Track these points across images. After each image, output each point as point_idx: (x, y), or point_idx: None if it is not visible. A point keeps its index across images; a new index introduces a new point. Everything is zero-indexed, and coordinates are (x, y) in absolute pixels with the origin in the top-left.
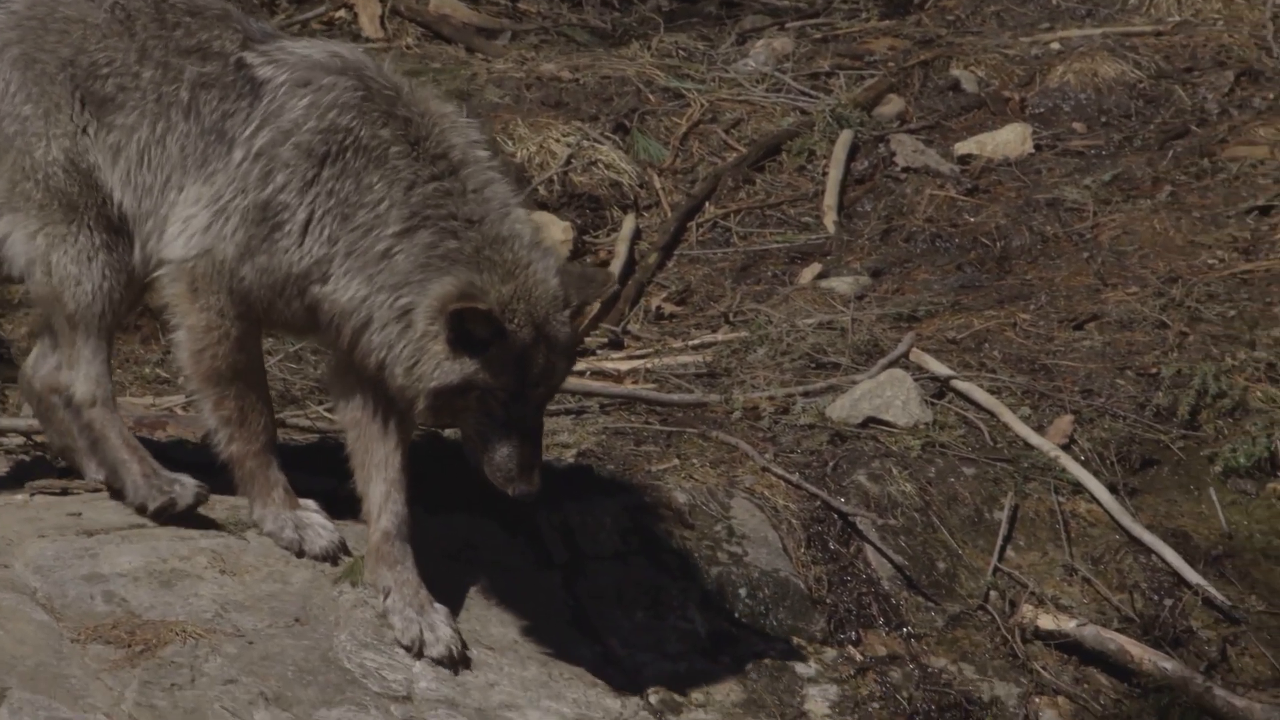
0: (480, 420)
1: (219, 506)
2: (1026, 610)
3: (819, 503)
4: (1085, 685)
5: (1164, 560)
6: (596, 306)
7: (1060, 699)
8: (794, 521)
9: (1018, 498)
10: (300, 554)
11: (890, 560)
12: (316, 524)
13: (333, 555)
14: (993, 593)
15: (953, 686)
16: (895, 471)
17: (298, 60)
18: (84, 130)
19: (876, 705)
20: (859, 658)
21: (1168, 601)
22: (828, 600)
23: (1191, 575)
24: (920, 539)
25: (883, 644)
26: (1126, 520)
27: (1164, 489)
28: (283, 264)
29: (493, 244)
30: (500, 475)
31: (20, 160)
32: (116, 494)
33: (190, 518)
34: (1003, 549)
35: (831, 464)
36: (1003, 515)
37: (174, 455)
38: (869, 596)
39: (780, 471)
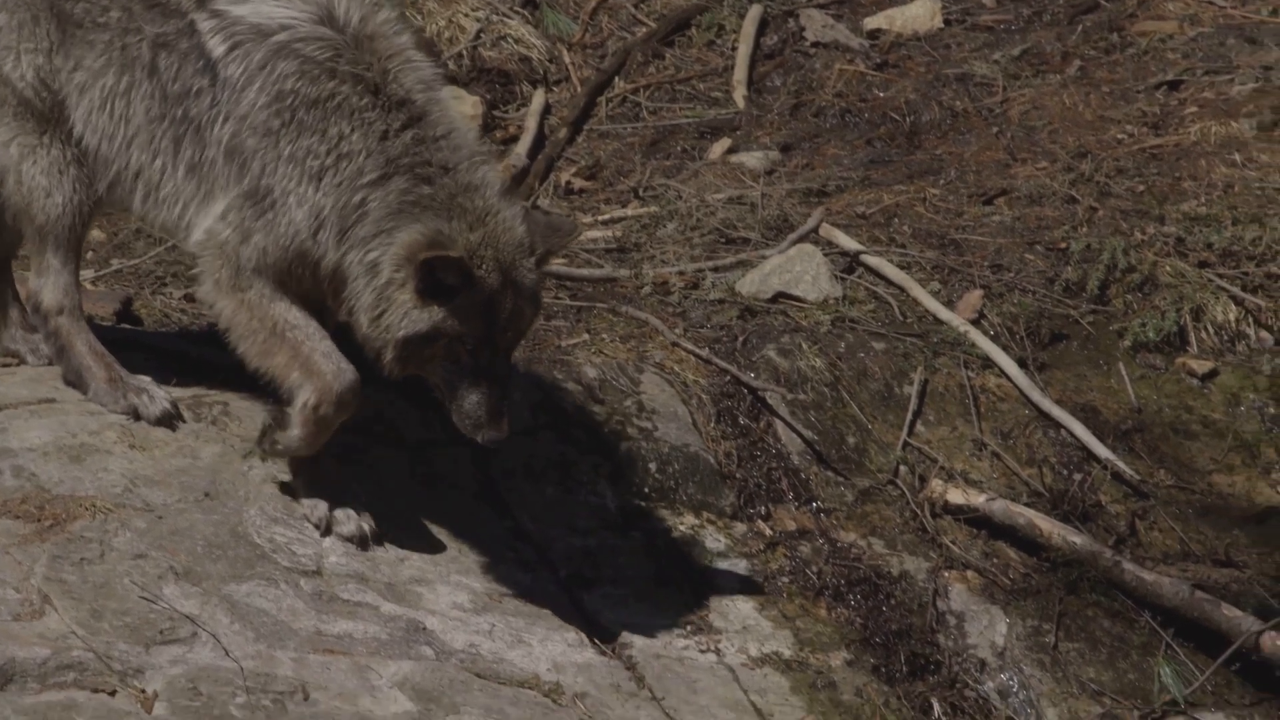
0: (448, 368)
1: None
2: (936, 485)
3: (728, 378)
4: (994, 559)
5: (1073, 435)
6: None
7: (969, 573)
8: (704, 396)
9: (927, 373)
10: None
11: (800, 435)
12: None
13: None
14: (902, 468)
15: (862, 561)
16: (805, 346)
17: (245, 32)
18: (55, 50)
19: (786, 580)
20: (768, 532)
21: (1077, 476)
22: (737, 475)
23: (1100, 450)
24: (830, 414)
25: (792, 519)
26: (1036, 395)
27: (1073, 364)
28: (281, 238)
29: (464, 191)
30: (469, 422)
31: None
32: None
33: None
34: (912, 424)
35: (741, 339)
36: (912, 390)
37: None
38: (778, 471)
39: (690, 346)
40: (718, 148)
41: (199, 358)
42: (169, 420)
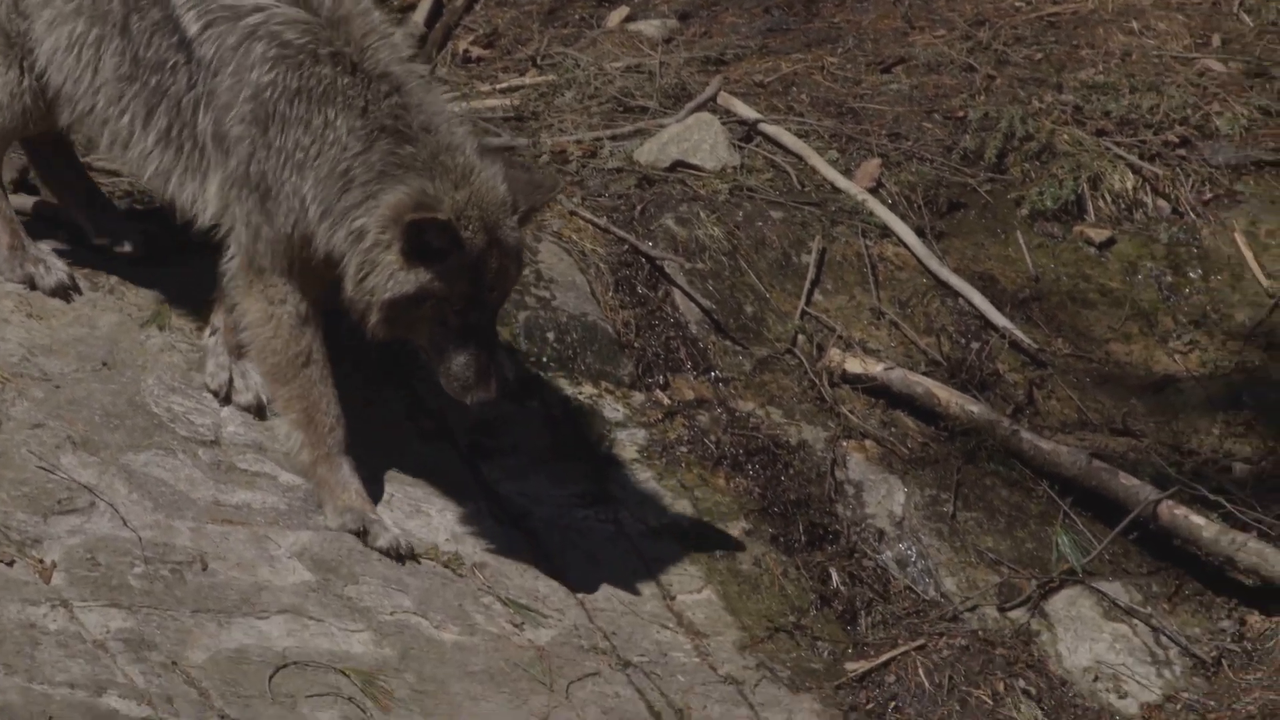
0: (435, 330)
1: None
2: (834, 354)
3: (627, 246)
4: (892, 429)
5: (971, 304)
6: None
7: (867, 442)
8: (602, 265)
9: (825, 241)
10: (363, 542)
11: (698, 304)
12: (382, 520)
13: (397, 552)
14: (800, 337)
15: (760, 430)
16: (703, 215)
17: (218, 10)
18: None
19: (684, 449)
20: (667, 402)
21: (975, 345)
22: (636, 344)
23: (998, 318)
24: (728, 283)
25: (690, 388)
26: (934, 264)
27: (971, 233)
28: (281, 227)
29: (447, 150)
30: (457, 385)
31: None
32: None
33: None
34: (810, 293)
35: (639, 208)
36: (810, 259)
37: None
38: (677, 340)
39: (588, 215)
40: (615, 16)
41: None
42: (64, 292)
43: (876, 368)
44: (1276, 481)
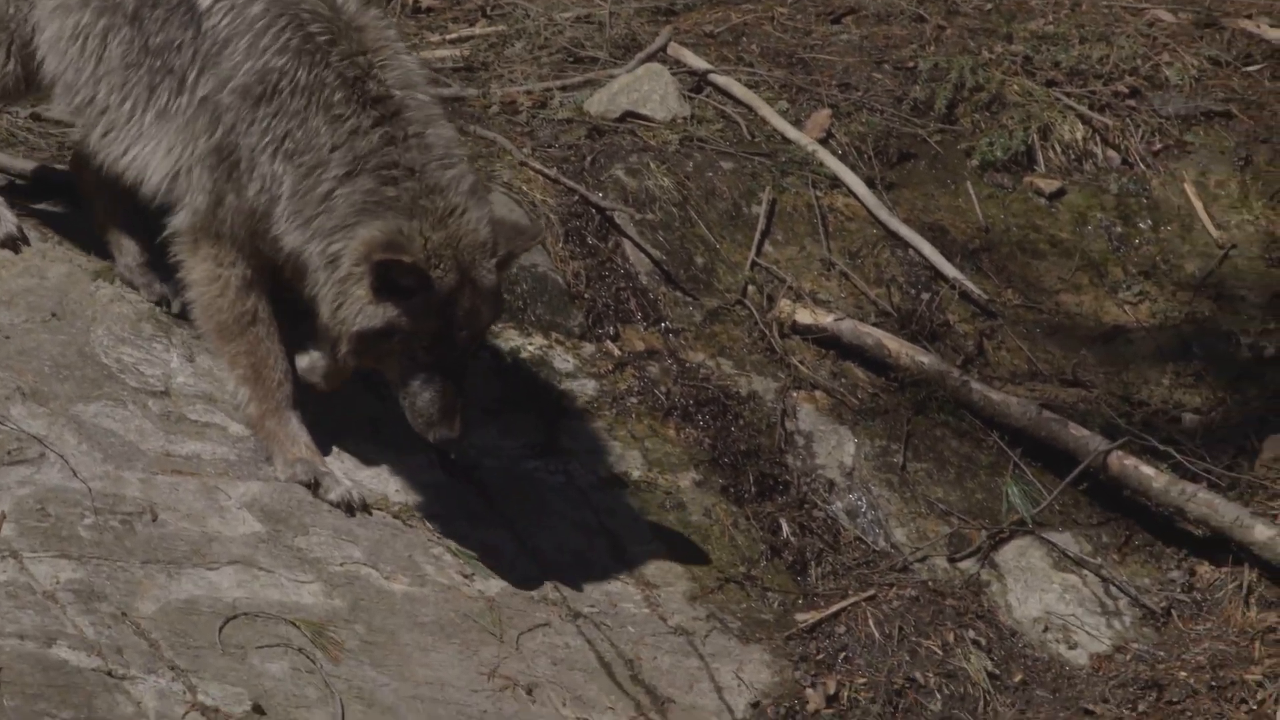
0: (404, 364)
1: None
2: (784, 305)
3: (577, 197)
4: (842, 379)
5: (921, 254)
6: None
7: (818, 393)
8: (552, 216)
9: (775, 192)
10: (314, 495)
11: (648, 255)
12: (332, 473)
13: (348, 505)
14: (751, 287)
15: (710, 381)
16: (653, 166)
17: None
18: None
19: (635, 400)
20: (617, 353)
21: (925, 296)
22: (586, 295)
23: (949, 269)
24: (678, 234)
25: (641, 339)
26: (884, 214)
27: (921, 183)
28: (249, 200)
29: (429, 193)
30: (421, 420)
31: None
32: None
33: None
34: (760, 243)
35: (589, 158)
36: (760, 210)
37: None
38: (627, 291)
39: (538, 166)
40: None
41: (44, 178)
42: (13, 243)
43: (827, 318)
44: (1226, 432)
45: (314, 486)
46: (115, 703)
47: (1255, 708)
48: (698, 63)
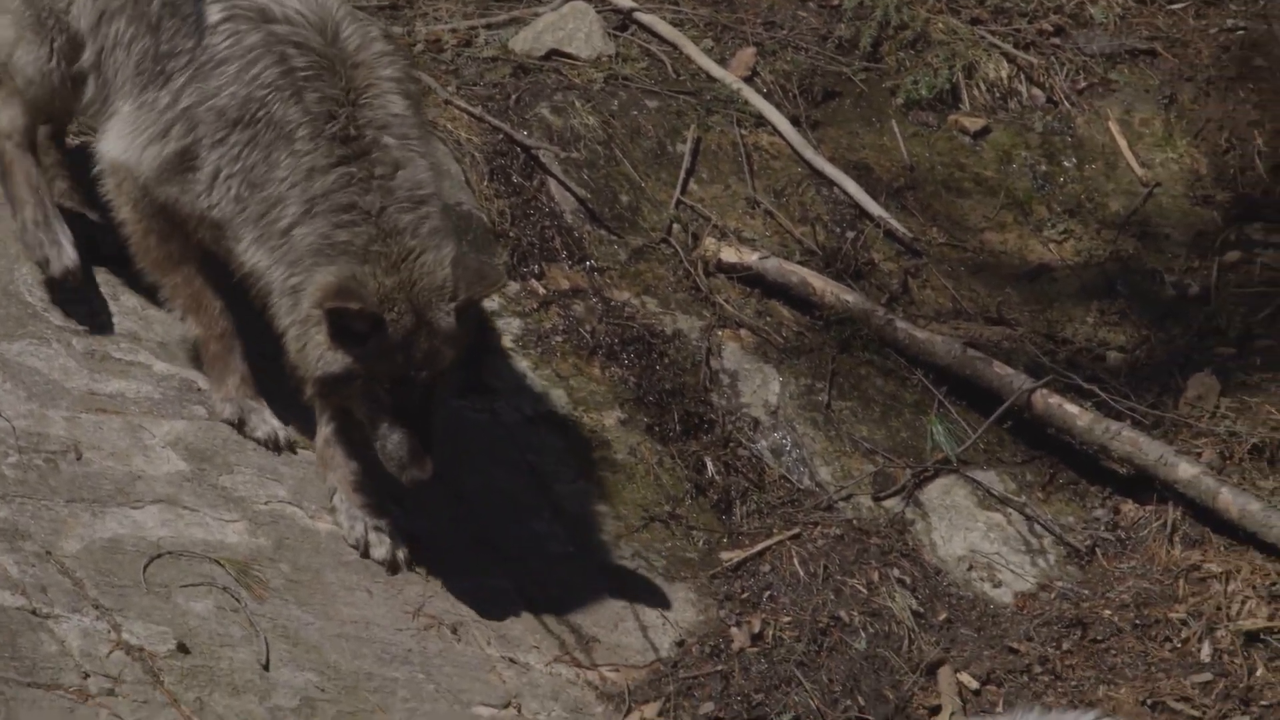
0: (369, 407)
1: None
2: (709, 243)
3: (502, 136)
4: (768, 318)
5: (846, 193)
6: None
7: (743, 332)
8: (477, 155)
9: (700, 130)
10: (240, 433)
11: (573, 194)
12: (261, 411)
13: (274, 443)
14: (676, 226)
15: (635, 320)
16: (578, 104)
17: (247, 8)
18: None
19: (560, 339)
20: (542, 291)
21: (850, 234)
22: (511, 234)
23: (873, 208)
24: (603, 172)
25: (566, 278)
26: (809, 153)
27: (846, 121)
28: (193, 203)
29: (385, 237)
30: (393, 463)
31: None
32: None
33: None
34: (685, 182)
35: (514, 97)
36: (685, 148)
37: None
38: (552, 230)
39: (463, 105)
40: None
41: None
42: (70, 278)
43: (751, 257)
44: (1150, 370)
45: (241, 425)
46: (39, 641)
47: (1179, 646)
48: (622, 0)
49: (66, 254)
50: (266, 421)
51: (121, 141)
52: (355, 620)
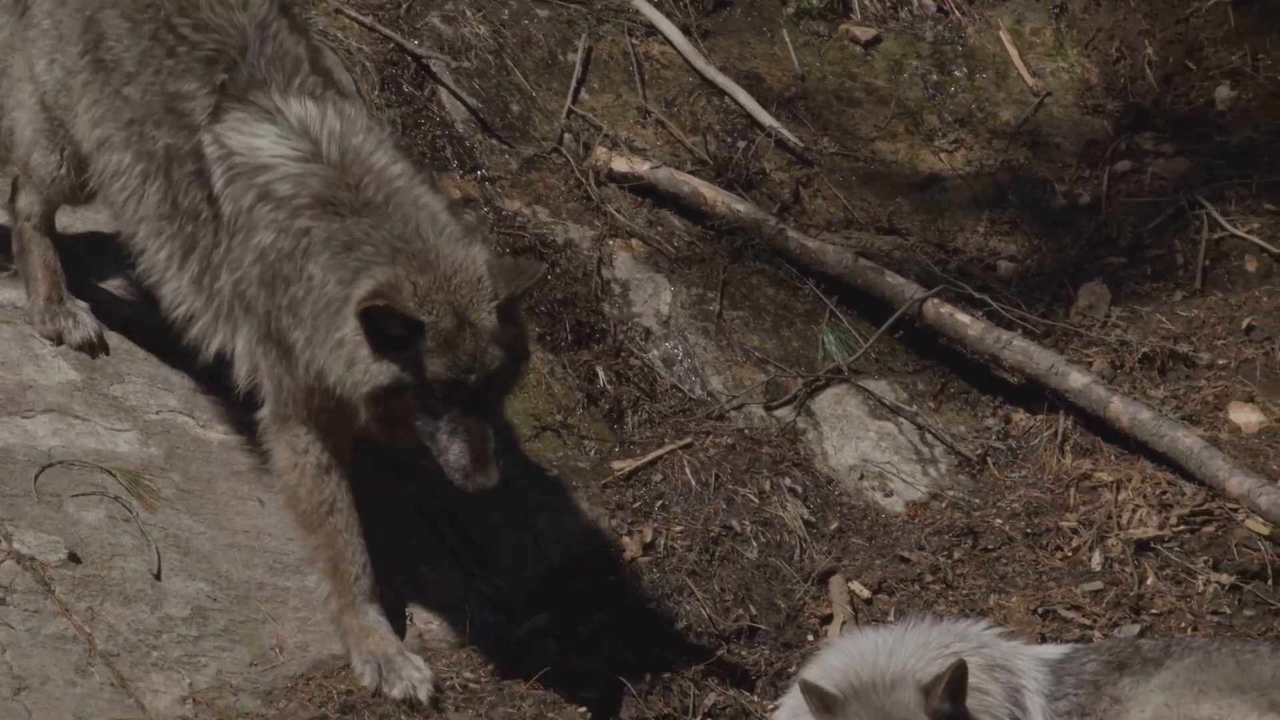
0: (426, 420)
1: None
2: (600, 153)
3: (392, 45)
4: (659, 228)
5: (737, 102)
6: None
7: (634, 241)
8: (368, 64)
9: (591, 40)
10: (379, 692)
11: (464, 103)
12: (404, 666)
13: (412, 701)
14: (567, 136)
15: (527, 229)
16: (469, 14)
17: (239, 166)
18: (79, 74)
19: None
20: None
21: (741, 144)
22: (402, 143)
23: (765, 117)
24: (494, 82)
25: (457, 187)
26: (700, 62)
27: (737, 31)
28: (302, 376)
29: (406, 238)
30: (457, 474)
31: (30, 63)
32: None
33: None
34: (577, 91)
35: (405, 5)
36: (576, 58)
37: None
38: (443, 140)
39: (354, 14)
40: None
41: None
42: (90, 348)
43: (643, 166)
44: (1041, 280)
45: (380, 683)
46: None
47: (1070, 555)
48: None
49: (85, 325)
50: (404, 679)
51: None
52: (247, 530)
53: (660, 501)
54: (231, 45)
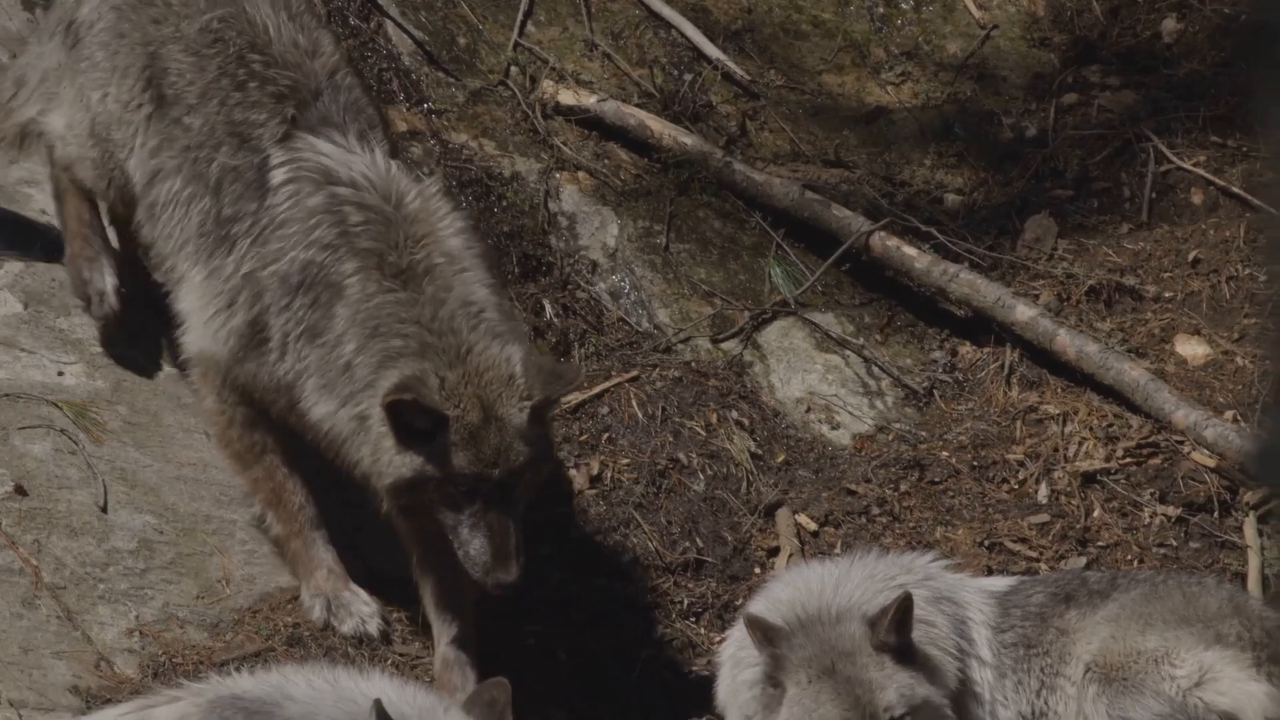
0: (448, 514)
1: None
2: (547, 86)
3: None
4: (606, 160)
5: (684, 35)
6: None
7: (581, 174)
8: None
9: None
10: (328, 627)
11: (410, 35)
12: (352, 602)
13: (361, 636)
14: (514, 68)
15: (474, 162)
16: None
17: (312, 170)
18: (138, 108)
19: None
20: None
21: (688, 77)
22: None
23: (711, 50)
24: (440, 14)
25: (404, 120)
26: None
27: None
28: (270, 373)
29: (441, 333)
30: (478, 569)
31: (82, 92)
32: None
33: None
34: (523, 24)
35: None
36: None
37: None
38: (389, 72)
39: None
40: None
41: None
42: (105, 320)
43: (589, 99)
44: (988, 213)
45: (331, 617)
46: None
47: (1017, 487)
48: None
49: (107, 297)
50: (353, 614)
51: (198, 330)
52: (194, 463)
53: (607, 434)
54: (305, 86)
